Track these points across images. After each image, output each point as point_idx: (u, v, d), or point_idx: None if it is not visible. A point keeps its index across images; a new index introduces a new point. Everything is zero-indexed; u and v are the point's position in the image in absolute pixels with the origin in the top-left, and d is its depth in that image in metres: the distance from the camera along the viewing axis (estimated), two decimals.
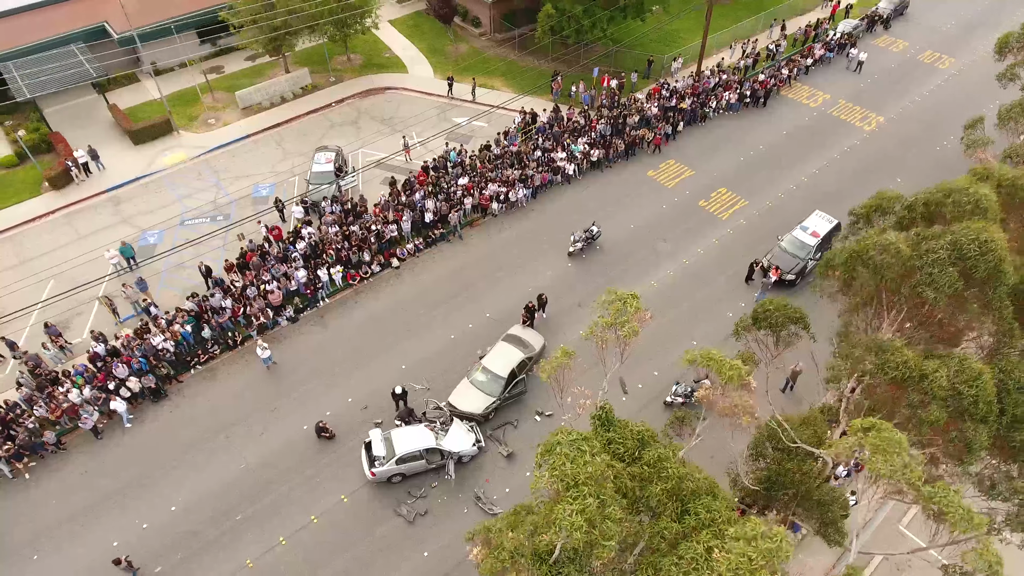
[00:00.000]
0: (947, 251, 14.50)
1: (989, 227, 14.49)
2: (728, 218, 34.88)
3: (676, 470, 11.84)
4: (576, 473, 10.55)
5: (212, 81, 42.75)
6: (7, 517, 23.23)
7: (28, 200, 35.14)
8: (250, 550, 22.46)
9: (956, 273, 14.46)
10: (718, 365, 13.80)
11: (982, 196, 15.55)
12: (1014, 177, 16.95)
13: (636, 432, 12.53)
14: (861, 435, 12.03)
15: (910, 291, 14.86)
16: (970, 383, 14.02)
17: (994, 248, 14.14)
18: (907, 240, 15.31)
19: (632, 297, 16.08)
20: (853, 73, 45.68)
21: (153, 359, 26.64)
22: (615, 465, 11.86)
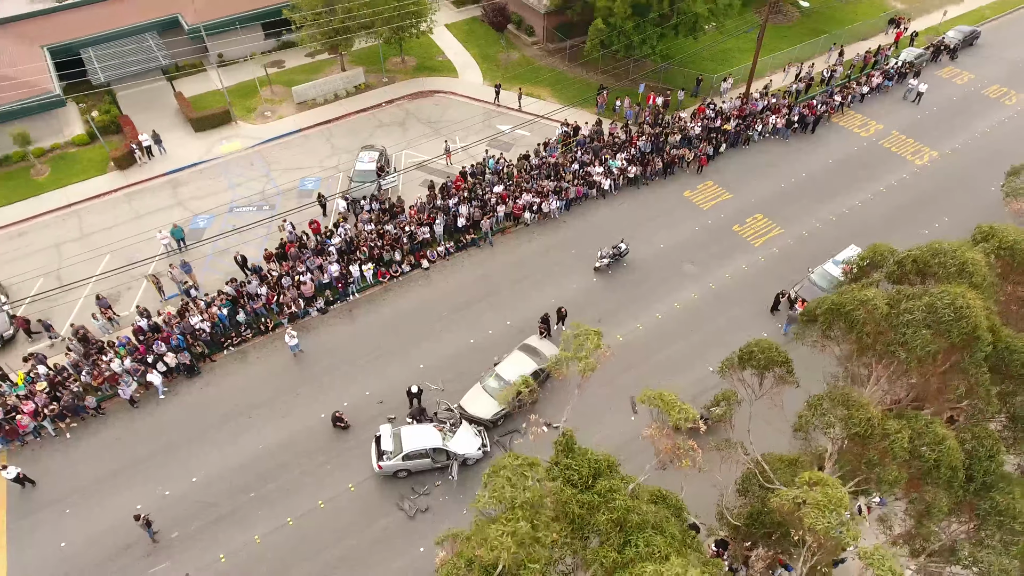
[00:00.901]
0: (923, 313, 14.43)
1: (968, 293, 14.29)
2: (761, 245, 34.63)
3: (623, 502, 12.29)
4: (514, 497, 11.16)
5: (272, 75, 44.73)
6: (48, 471, 25.21)
7: (95, 177, 37.63)
8: (259, 527, 23.81)
9: (930, 336, 14.38)
10: (667, 406, 14.15)
11: (968, 260, 15.32)
12: (1015, 241, 16.54)
13: (594, 461, 13.06)
14: (807, 488, 12.20)
15: (883, 349, 14.81)
16: (932, 446, 13.91)
17: (968, 315, 13.99)
18: (887, 298, 15.24)
19: (595, 334, 16.46)
20: (911, 104, 44.47)
21: (190, 337, 28.37)
22: (566, 490, 12.44)
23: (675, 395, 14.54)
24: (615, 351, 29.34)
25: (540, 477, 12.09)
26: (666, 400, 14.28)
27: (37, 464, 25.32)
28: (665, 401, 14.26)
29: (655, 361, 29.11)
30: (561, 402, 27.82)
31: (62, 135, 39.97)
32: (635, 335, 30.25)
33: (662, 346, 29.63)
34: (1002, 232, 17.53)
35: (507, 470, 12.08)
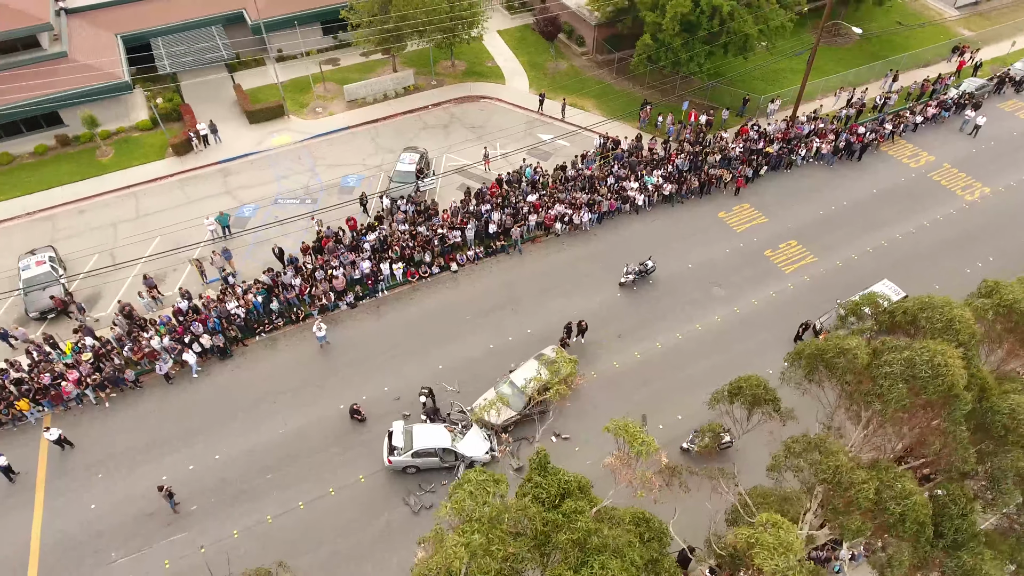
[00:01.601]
0: (901, 367, 14.30)
1: (949, 351, 14.08)
2: (792, 272, 34.26)
3: (585, 524, 12.70)
4: (472, 510, 11.74)
5: (326, 72, 46.32)
6: (86, 436, 27.03)
7: (154, 162, 39.80)
8: (272, 507, 25.04)
9: (906, 390, 14.25)
10: (630, 437, 14.44)
11: (955, 317, 15.06)
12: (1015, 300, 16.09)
13: (563, 482, 13.48)
14: (761, 528, 12.31)
15: (862, 399, 14.72)
16: (898, 500, 13.78)
17: (945, 373, 13.80)
18: (869, 348, 15.13)
19: (570, 362, 16.84)
20: (967, 136, 43.08)
21: (225, 322, 29.88)
22: (532, 507, 12.93)
23: (640, 426, 14.87)
24: (631, 369, 29.79)
25: (502, 493, 12.69)
26: (629, 431, 14.64)
27: (77, 429, 27.16)
28: (628, 432, 14.62)
29: (671, 381, 29.21)
30: (573, 413, 28.31)
31: (128, 119, 42.33)
32: (653, 353, 30.41)
33: (679, 367, 29.71)
34: (1005, 289, 17.13)
35: (470, 484, 12.73)
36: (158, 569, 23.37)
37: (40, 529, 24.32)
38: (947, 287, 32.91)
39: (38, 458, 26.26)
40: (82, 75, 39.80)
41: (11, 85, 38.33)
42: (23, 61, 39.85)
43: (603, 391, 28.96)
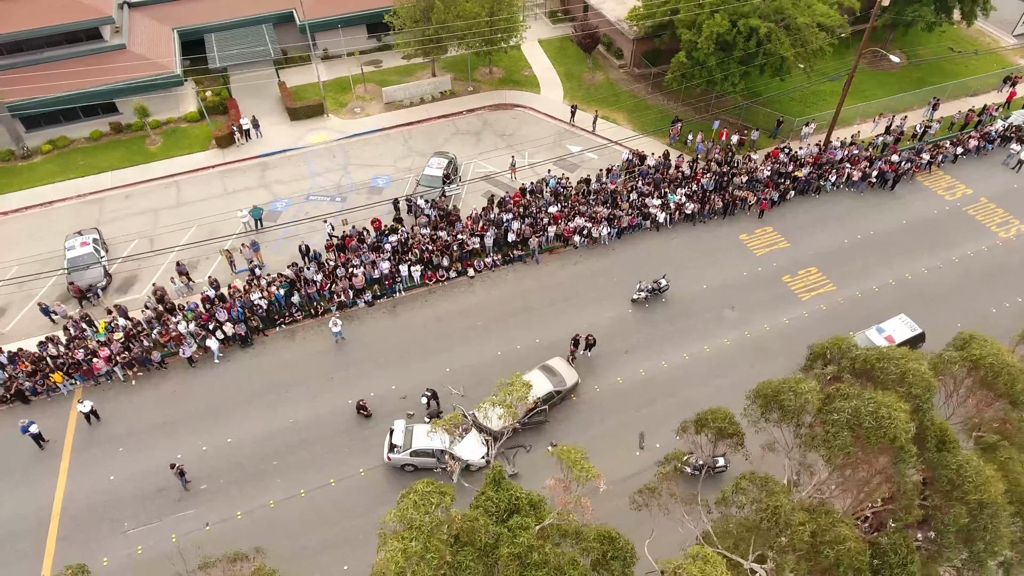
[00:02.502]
0: (847, 416, 14.39)
1: (896, 404, 14.08)
2: (808, 300, 34.01)
3: (526, 539, 13.26)
4: (412, 518, 12.46)
5: (367, 74, 47.72)
6: (112, 412, 28.82)
7: (197, 153, 41.76)
8: (276, 493, 26.32)
9: (850, 438, 14.33)
10: (572, 463, 14.89)
11: (909, 370, 15.00)
12: (981, 356, 15.90)
13: (514, 498, 14.06)
14: (691, 560, 12.65)
15: (810, 443, 14.84)
16: (833, 545, 13.86)
17: (887, 425, 13.84)
18: (822, 393, 15.21)
19: (523, 385, 17.37)
20: (1010, 171, 41.86)
21: (248, 312, 31.36)
22: (480, 519, 13.57)
23: (581, 452, 15.37)
24: (635, 386, 30.15)
25: (446, 505, 13.39)
26: (571, 457, 15.15)
27: (104, 404, 28.96)
28: (570, 458, 15.14)
29: (673, 401, 29.43)
30: (573, 424, 28.88)
31: (178, 110, 44.48)
32: (658, 372, 30.69)
33: (683, 387, 29.91)
34: (976, 343, 16.97)
35: (416, 494, 13.49)
36: (166, 541, 24.86)
37: (63, 495, 26.12)
38: (968, 326, 32.00)
39: (67, 428, 28.14)
40: (138, 67, 42.04)
41: (73, 73, 40.73)
42: (85, 51, 42.29)
43: (604, 406, 29.43)
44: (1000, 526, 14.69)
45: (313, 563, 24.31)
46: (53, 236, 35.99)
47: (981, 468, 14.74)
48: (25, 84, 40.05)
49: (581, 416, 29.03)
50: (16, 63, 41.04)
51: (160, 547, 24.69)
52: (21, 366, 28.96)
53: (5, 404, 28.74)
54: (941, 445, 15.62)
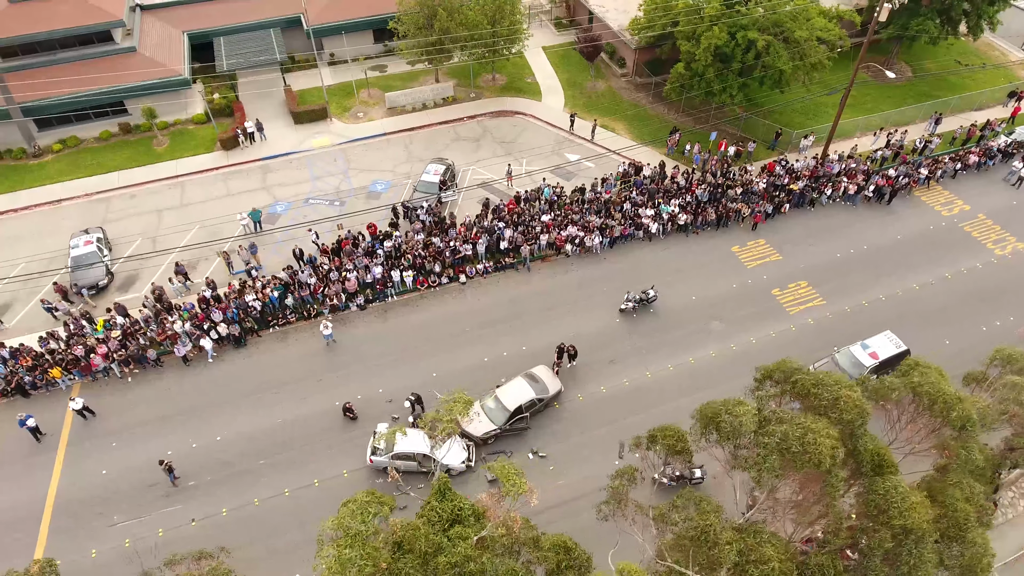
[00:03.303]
0: (777, 440, 14.66)
1: (824, 430, 14.33)
2: (797, 314, 34.14)
3: (464, 550, 13.75)
4: (349, 526, 13.00)
5: (371, 79, 48.44)
6: (107, 407, 29.72)
7: (202, 154, 42.70)
8: (261, 491, 27.02)
9: (779, 462, 14.61)
10: (505, 478, 15.31)
11: (841, 396, 15.22)
12: (918, 384, 16.07)
13: (457, 508, 14.55)
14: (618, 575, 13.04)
15: (743, 464, 15.14)
16: (757, 565, 14.13)
17: (812, 451, 14.13)
18: (757, 416, 15.49)
19: (465, 403, 17.82)
20: (1010, 187, 41.62)
21: (242, 313, 32.14)
22: (422, 528, 14.07)
23: (515, 468, 15.78)
24: (618, 395, 30.52)
25: (385, 515, 13.90)
26: (504, 473, 15.58)
27: (100, 399, 29.88)
28: (503, 474, 15.57)
29: (656, 411, 29.67)
30: (554, 431, 29.31)
31: (185, 112, 45.48)
32: (642, 382, 31.01)
33: (666, 398, 30.20)
34: (919, 371, 17.14)
35: (354, 503, 14.03)
36: (152, 535, 25.64)
37: (56, 487, 27.04)
38: (958, 344, 32.37)
39: (64, 423, 29.07)
40: (147, 69, 43.08)
41: (84, 74, 41.85)
42: (97, 53, 43.39)
43: (587, 414, 29.83)
44: (924, 551, 14.92)
45: (283, 562, 24.88)
46: (60, 234, 37.06)
47: (908, 494, 14.98)
48: (38, 85, 41.25)
49: (563, 424, 29.45)
50: (30, 64, 42.23)
51: (147, 541, 25.42)
52: (22, 361, 29.95)
53: (5, 397, 29.76)
54: (878, 469, 15.87)
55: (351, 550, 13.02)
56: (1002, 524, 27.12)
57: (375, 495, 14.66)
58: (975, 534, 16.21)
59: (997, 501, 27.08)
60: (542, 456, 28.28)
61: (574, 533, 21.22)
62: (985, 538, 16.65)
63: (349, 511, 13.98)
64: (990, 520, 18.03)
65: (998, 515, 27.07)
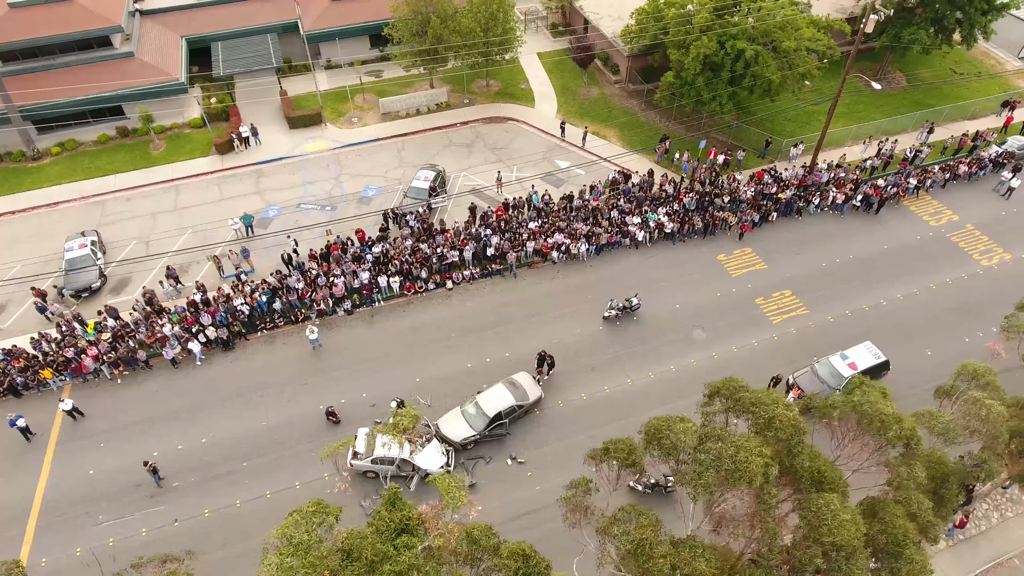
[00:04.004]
0: (712, 457, 15.00)
1: (758, 448, 14.64)
2: (779, 323, 34.37)
3: (408, 559, 14.16)
4: (292, 535, 13.46)
5: (366, 84, 48.95)
6: (96, 408, 30.32)
7: (198, 158, 43.33)
8: (243, 493, 27.55)
9: (714, 479, 14.93)
10: (444, 490, 15.70)
11: (776, 416, 15.52)
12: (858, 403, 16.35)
13: (405, 518, 14.96)
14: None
15: (680, 479, 15.45)
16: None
17: (744, 468, 14.44)
18: (697, 433, 15.82)
19: (412, 417, 18.25)
20: (999, 198, 41.67)
21: (231, 316, 32.68)
22: (369, 537, 14.52)
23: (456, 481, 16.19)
24: (598, 402, 30.86)
25: (330, 524, 14.35)
26: (444, 486, 15.98)
27: (90, 400, 30.50)
28: (443, 487, 15.97)
29: (634, 419, 29.51)
30: (533, 437, 29.70)
31: (182, 116, 46.13)
32: (623, 390, 31.34)
33: (645, 406, 30.46)
34: (863, 390, 17.41)
35: (299, 513, 14.48)
36: (136, 535, 26.23)
37: (44, 486, 27.65)
38: (940, 355, 32.52)
39: (53, 423, 29.69)
40: (144, 74, 43.74)
41: (83, 79, 42.53)
42: (96, 58, 44.10)
43: (566, 421, 30.19)
44: (854, 569, 15.19)
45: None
46: (56, 236, 37.73)
47: (839, 511, 15.25)
48: (38, 88, 41.99)
49: (542, 430, 29.84)
50: (30, 68, 42.98)
51: (130, 541, 26.05)
52: (15, 362, 30.60)
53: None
54: (817, 486, 16.16)
55: (293, 559, 13.49)
56: (975, 536, 27.34)
57: (321, 505, 15.13)
58: (912, 551, 16.47)
59: (970, 513, 27.28)
60: (520, 462, 28.68)
61: (548, 538, 21.75)
62: (923, 554, 16.96)
63: (293, 520, 14.46)
64: (937, 536, 18.25)
65: (971, 527, 27.28)
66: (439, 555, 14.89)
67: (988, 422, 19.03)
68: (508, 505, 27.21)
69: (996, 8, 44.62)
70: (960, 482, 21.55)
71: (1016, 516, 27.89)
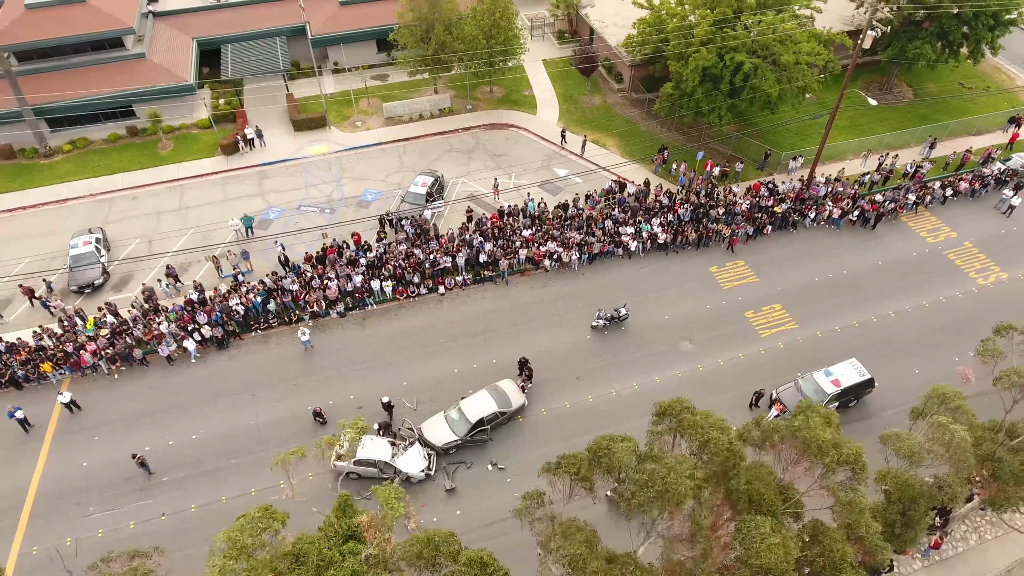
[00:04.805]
0: (645, 477, 15.27)
1: (685, 470, 14.93)
2: (767, 337, 34.47)
3: (353, 564, 14.64)
4: (237, 539, 14.02)
5: (371, 88, 49.64)
6: (93, 402, 31.26)
7: (203, 159, 44.27)
8: (229, 490, 28.30)
9: (645, 497, 15.25)
10: (384, 500, 16.13)
11: (712, 439, 15.77)
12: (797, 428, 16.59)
13: (354, 525, 15.46)
14: None
15: (617, 497, 15.76)
16: None
17: (673, 489, 14.73)
18: (636, 453, 16.10)
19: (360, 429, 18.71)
20: (1000, 216, 41.30)
21: (226, 316, 33.48)
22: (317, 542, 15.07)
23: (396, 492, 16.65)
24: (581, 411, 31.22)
25: (275, 529, 14.89)
26: (384, 497, 16.44)
27: (88, 394, 31.45)
28: (384, 498, 16.44)
29: (616, 429, 29.22)
30: (515, 444, 30.13)
31: (191, 117, 47.12)
32: (606, 399, 31.66)
33: (627, 417, 30.74)
34: (805, 416, 17.61)
35: (245, 518, 15.03)
36: (124, 527, 27.08)
37: (39, 477, 28.61)
38: (927, 373, 32.41)
39: (51, 416, 30.67)
40: (154, 76, 44.78)
41: (95, 79, 43.67)
42: (108, 59, 45.24)
43: (548, 429, 30.57)
44: None
45: None
46: (64, 232, 38.82)
47: (767, 535, 15.49)
48: (51, 87, 43.20)
49: (524, 437, 30.26)
50: (44, 68, 44.21)
51: (119, 532, 26.91)
52: (17, 356, 31.63)
53: (0, 389, 31.46)
54: (756, 509, 16.41)
55: (235, 562, 14.08)
56: (952, 557, 27.31)
57: (268, 511, 15.71)
58: (850, 574, 16.65)
59: (947, 535, 27.27)
60: (501, 468, 29.12)
61: (524, 544, 22.09)
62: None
63: (239, 525, 15.07)
64: (884, 560, 18.40)
65: (948, 549, 27.27)
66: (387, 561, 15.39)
67: (951, 447, 19.14)
68: (487, 510, 27.67)
69: (1003, 24, 44.20)
70: (928, 504, 21.64)
71: (995, 539, 27.81)
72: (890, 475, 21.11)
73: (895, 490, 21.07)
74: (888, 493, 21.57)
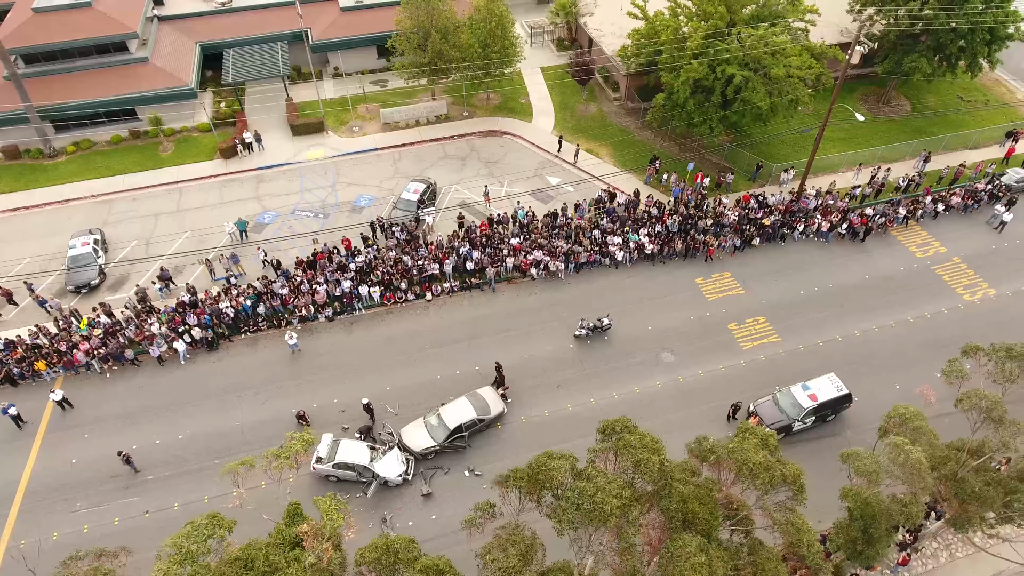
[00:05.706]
0: (576, 496, 15.67)
1: (613, 489, 15.30)
2: (749, 349, 34.71)
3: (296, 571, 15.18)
4: (181, 545, 14.64)
5: (370, 94, 50.32)
6: (85, 400, 32.13)
7: (203, 162, 45.14)
8: (211, 489, 28.97)
9: (576, 516, 15.65)
10: (326, 512, 16.63)
11: (643, 459, 16.12)
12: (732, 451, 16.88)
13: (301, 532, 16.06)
14: None
15: (550, 514, 16.18)
16: None
17: (600, 507, 15.13)
18: (570, 471, 16.51)
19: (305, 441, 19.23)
20: (991, 231, 41.23)
21: (216, 319, 34.24)
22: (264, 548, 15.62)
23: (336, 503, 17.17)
24: (559, 420, 31.64)
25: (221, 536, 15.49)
26: (325, 507, 16.97)
27: (79, 393, 32.32)
28: (324, 508, 16.96)
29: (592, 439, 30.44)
30: (492, 451, 30.62)
31: (192, 120, 48.04)
32: (585, 408, 32.06)
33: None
34: (742, 437, 17.88)
35: (191, 525, 15.64)
36: (109, 524, 27.88)
37: (30, 472, 29.49)
38: (907, 389, 32.48)
39: (43, 413, 31.57)
40: (156, 79, 45.71)
41: (99, 82, 44.67)
42: (112, 62, 46.23)
43: (527, 436, 31.02)
44: None
45: None
46: (64, 233, 39.79)
47: (692, 555, 15.85)
48: (56, 90, 44.24)
49: (501, 444, 30.75)
50: (50, 70, 45.26)
51: (104, 528, 27.71)
52: (13, 353, 32.56)
53: None
54: (689, 527, 16.77)
55: (180, 568, 14.71)
56: (921, 574, 27.48)
57: (215, 518, 16.33)
58: None
59: (915, 551, 27.44)
60: (477, 474, 29.62)
61: None
62: None
63: (186, 532, 15.70)
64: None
65: (916, 566, 27.45)
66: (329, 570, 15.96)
67: (906, 467, 19.40)
68: (462, 515, 27.65)
69: (1000, 38, 44.04)
70: (889, 522, 21.89)
71: (965, 556, 27.95)
72: (851, 493, 21.38)
73: (855, 508, 21.35)
74: (851, 511, 21.86)
